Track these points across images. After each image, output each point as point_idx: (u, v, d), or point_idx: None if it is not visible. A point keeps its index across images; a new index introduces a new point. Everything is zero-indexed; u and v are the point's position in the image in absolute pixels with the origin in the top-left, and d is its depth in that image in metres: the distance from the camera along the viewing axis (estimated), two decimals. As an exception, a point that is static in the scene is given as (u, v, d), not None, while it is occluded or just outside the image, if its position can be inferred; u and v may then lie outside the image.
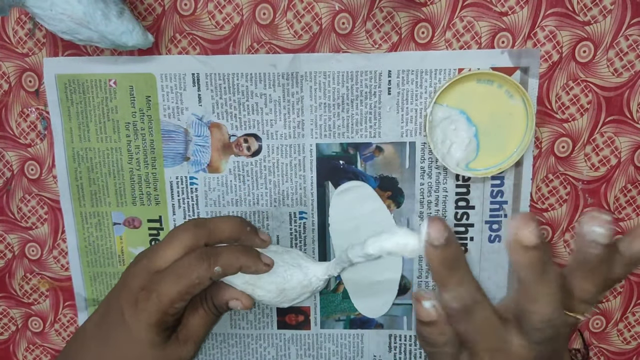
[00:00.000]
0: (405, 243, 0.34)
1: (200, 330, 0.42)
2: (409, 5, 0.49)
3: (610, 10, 0.48)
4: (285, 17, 0.49)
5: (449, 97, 0.49)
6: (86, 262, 0.55)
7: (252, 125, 0.51)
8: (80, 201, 0.54)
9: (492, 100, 0.49)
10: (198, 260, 0.40)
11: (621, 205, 0.53)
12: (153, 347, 0.40)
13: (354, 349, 0.57)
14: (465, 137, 0.50)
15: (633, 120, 0.51)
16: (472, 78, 0.49)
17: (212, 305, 0.42)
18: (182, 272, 0.39)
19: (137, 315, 0.40)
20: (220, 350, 0.57)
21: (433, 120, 0.49)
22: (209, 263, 0.40)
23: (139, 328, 0.40)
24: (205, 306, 0.42)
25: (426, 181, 0.52)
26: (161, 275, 0.40)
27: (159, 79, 0.51)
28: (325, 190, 0.53)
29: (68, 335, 0.58)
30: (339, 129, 0.51)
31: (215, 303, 0.42)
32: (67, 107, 0.52)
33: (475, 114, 0.50)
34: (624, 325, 0.56)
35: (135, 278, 0.41)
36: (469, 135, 0.50)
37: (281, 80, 0.50)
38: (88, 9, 0.42)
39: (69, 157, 0.53)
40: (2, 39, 0.50)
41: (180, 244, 0.41)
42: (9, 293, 0.57)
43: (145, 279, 0.40)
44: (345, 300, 0.55)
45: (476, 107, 0.49)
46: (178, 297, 0.39)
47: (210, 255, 0.40)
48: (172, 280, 0.39)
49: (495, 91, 0.49)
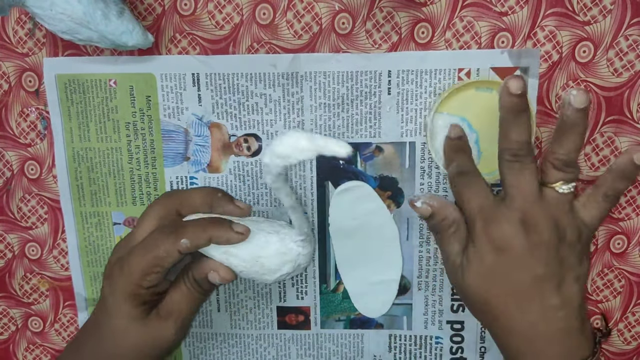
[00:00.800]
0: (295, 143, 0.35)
1: (182, 306, 0.42)
2: (409, 5, 0.49)
3: (610, 10, 0.48)
4: (285, 17, 0.49)
5: (449, 105, 0.49)
6: (86, 262, 0.55)
7: (252, 125, 0.51)
8: (80, 201, 0.54)
9: (492, 107, 0.49)
10: (164, 234, 0.41)
11: (621, 205, 0.53)
12: (132, 320, 0.41)
13: (354, 348, 0.57)
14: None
15: (633, 120, 0.51)
16: (471, 86, 0.49)
17: (193, 281, 0.42)
18: (149, 245, 0.41)
19: (112, 288, 0.41)
20: (221, 351, 0.57)
21: (434, 128, 0.49)
22: (175, 236, 0.40)
23: (114, 301, 0.41)
24: (187, 282, 0.42)
25: (426, 181, 0.52)
26: (133, 248, 0.41)
27: (159, 78, 0.51)
28: (325, 190, 0.53)
29: (68, 335, 0.58)
30: (338, 129, 0.51)
31: (195, 278, 0.42)
32: (67, 107, 0.52)
33: (476, 120, 0.50)
34: (624, 325, 0.56)
35: (114, 254, 0.43)
36: (470, 139, 0.50)
37: (281, 80, 0.50)
38: (88, 9, 0.42)
39: (69, 157, 0.53)
40: (2, 39, 0.50)
41: (153, 216, 0.43)
42: (8, 293, 0.57)
43: (122, 253, 0.42)
44: (345, 300, 0.55)
45: (476, 114, 0.49)
46: (147, 270, 0.40)
47: (177, 228, 0.41)
48: (140, 254, 0.41)
49: (495, 98, 0.48)
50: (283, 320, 0.56)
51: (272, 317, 0.56)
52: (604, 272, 0.54)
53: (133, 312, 0.41)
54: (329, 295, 0.55)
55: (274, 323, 0.56)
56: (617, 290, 0.55)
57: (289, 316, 0.56)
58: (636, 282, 0.55)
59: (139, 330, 0.41)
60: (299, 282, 0.55)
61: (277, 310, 0.56)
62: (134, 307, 0.41)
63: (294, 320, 0.56)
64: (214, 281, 0.42)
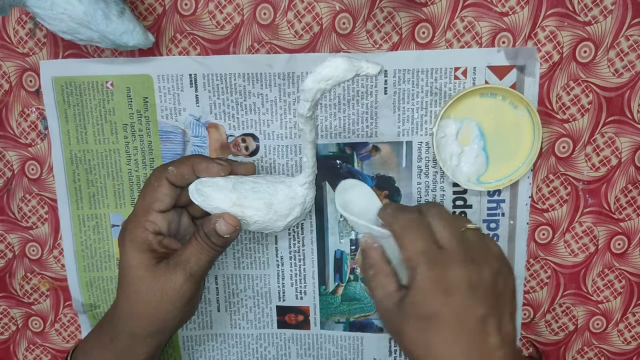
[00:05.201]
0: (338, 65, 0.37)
1: (191, 257, 0.43)
2: (410, 5, 0.49)
3: (610, 10, 0.48)
4: (285, 17, 0.49)
5: (455, 112, 0.49)
6: (82, 266, 0.55)
7: (249, 125, 0.51)
8: (77, 204, 0.54)
9: (497, 112, 0.49)
10: (156, 169, 0.45)
11: (622, 206, 0.53)
12: (140, 267, 0.43)
13: (354, 351, 0.56)
14: (475, 147, 0.50)
15: (634, 121, 0.50)
16: (475, 93, 0.48)
17: (203, 235, 0.43)
18: (146, 184, 0.45)
19: (123, 237, 0.44)
20: (221, 351, 0.57)
21: (440, 139, 0.49)
22: (164, 166, 0.44)
23: (124, 250, 0.43)
24: (197, 237, 0.44)
25: (423, 180, 0.52)
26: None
27: (156, 80, 0.51)
28: (323, 190, 0.53)
29: (68, 335, 0.58)
30: (335, 129, 0.51)
31: (205, 231, 0.43)
32: (65, 110, 0.52)
33: (483, 126, 0.50)
34: (624, 325, 0.56)
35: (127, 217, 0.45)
36: (479, 146, 0.50)
37: (277, 81, 0.50)
38: (89, 9, 0.42)
39: (67, 159, 0.53)
40: (3, 39, 0.51)
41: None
42: (9, 293, 0.57)
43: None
44: (344, 303, 0.55)
45: (482, 120, 0.49)
46: (147, 207, 0.43)
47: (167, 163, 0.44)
48: (140, 195, 0.44)
49: (499, 103, 0.49)
50: (283, 320, 0.56)
51: (272, 317, 0.56)
52: (605, 272, 0.54)
53: (142, 258, 0.43)
54: (328, 297, 0.55)
55: (274, 322, 0.56)
56: (618, 290, 0.55)
57: (289, 316, 0.56)
58: (636, 283, 0.54)
59: (149, 278, 0.42)
60: (298, 282, 0.55)
61: (276, 309, 0.56)
62: (143, 253, 0.43)
63: (293, 320, 0.56)
64: (220, 230, 0.43)
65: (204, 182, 0.43)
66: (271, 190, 0.44)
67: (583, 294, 0.55)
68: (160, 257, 0.43)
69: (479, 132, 0.49)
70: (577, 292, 0.55)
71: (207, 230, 0.43)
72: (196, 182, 0.44)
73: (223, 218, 0.43)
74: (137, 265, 0.43)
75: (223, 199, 0.43)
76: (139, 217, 0.43)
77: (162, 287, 0.42)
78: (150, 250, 0.43)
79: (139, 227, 0.43)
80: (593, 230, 0.53)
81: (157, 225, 0.44)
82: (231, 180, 0.44)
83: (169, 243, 0.45)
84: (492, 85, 0.48)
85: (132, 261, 0.43)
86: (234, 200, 0.43)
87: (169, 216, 0.45)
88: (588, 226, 0.53)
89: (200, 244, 0.43)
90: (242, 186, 0.44)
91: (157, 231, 0.44)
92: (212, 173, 0.44)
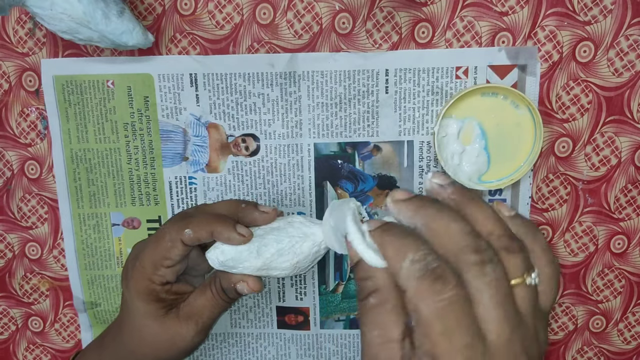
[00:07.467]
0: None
1: (204, 311, 0.42)
2: (409, 5, 0.49)
3: (610, 10, 0.48)
4: (285, 17, 0.49)
5: (457, 111, 0.49)
6: (83, 265, 0.55)
7: (249, 125, 0.51)
8: (78, 202, 0.54)
9: (499, 111, 0.49)
10: (171, 223, 0.41)
11: (621, 206, 0.53)
12: (149, 317, 0.41)
13: (354, 348, 0.56)
14: (476, 147, 0.50)
15: (633, 120, 0.50)
16: (477, 92, 0.48)
17: (220, 289, 0.42)
18: (158, 236, 0.41)
19: (128, 284, 0.41)
20: (221, 350, 0.57)
21: (441, 139, 0.49)
22: (180, 225, 0.40)
23: (130, 297, 0.41)
24: (213, 288, 0.42)
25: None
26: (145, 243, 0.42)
27: (156, 79, 0.51)
28: (324, 190, 0.53)
29: (68, 335, 0.58)
30: (336, 129, 0.51)
31: (223, 286, 0.42)
32: (65, 109, 0.52)
33: (484, 125, 0.50)
34: (624, 325, 0.56)
35: (132, 252, 0.43)
36: (480, 145, 0.50)
37: (279, 80, 0.50)
38: (88, 9, 0.42)
39: (67, 158, 0.53)
40: (3, 39, 0.51)
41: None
42: (9, 293, 0.57)
43: (138, 252, 0.42)
44: (344, 301, 0.55)
45: (484, 119, 0.49)
46: (157, 262, 0.40)
47: (184, 218, 0.41)
48: (150, 247, 0.41)
49: (500, 102, 0.49)
50: (282, 320, 0.56)
51: (271, 317, 0.56)
52: (604, 272, 0.54)
53: (149, 309, 0.41)
54: (328, 295, 0.55)
55: (274, 322, 0.56)
56: (618, 290, 0.55)
57: (289, 316, 0.56)
58: (636, 282, 0.54)
59: (157, 328, 0.41)
60: (298, 283, 0.55)
61: (276, 310, 0.56)
62: (149, 304, 0.41)
63: (293, 321, 0.56)
64: (242, 291, 0.42)
65: (225, 252, 0.41)
66: (297, 249, 0.42)
67: (583, 293, 0.55)
68: (169, 305, 0.42)
69: (481, 132, 0.49)
70: (577, 292, 0.55)
71: (226, 287, 0.41)
72: (217, 252, 0.41)
73: (247, 282, 0.41)
74: (144, 315, 0.41)
75: (248, 267, 0.41)
76: (146, 270, 0.41)
77: (172, 338, 0.41)
78: (158, 300, 0.41)
79: (145, 279, 0.41)
80: (593, 230, 0.53)
81: (166, 278, 0.41)
82: (255, 244, 0.41)
83: (178, 289, 0.43)
84: (494, 84, 0.48)
85: (139, 310, 0.41)
86: (259, 267, 0.41)
87: (177, 266, 0.42)
88: (588, 226, 0.53)
89: (216, 298, 0.42)
90: (266, 250, 0.41)
91: (166, 282, 0.41)
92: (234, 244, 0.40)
